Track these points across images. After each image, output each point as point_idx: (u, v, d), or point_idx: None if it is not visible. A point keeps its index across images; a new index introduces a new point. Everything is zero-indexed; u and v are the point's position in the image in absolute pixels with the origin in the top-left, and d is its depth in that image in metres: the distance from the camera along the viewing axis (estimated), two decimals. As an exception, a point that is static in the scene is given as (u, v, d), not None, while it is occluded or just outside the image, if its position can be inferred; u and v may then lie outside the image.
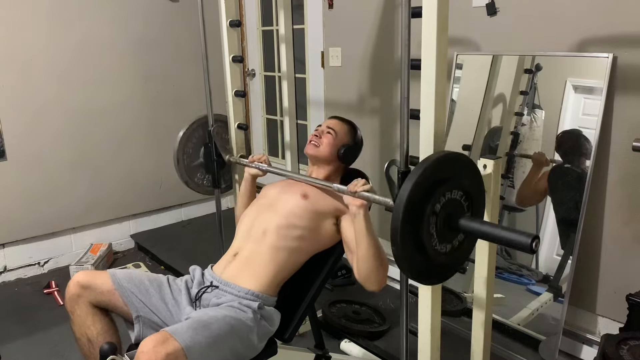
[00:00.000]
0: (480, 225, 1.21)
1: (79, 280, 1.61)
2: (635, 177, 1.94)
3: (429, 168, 1.18)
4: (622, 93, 1.93)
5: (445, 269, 1.29)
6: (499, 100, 2.35)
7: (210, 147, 2.27)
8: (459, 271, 2.51)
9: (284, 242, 1.68)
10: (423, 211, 1.17)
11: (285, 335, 1.73)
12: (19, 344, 2.52)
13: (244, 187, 2.02)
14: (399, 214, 1.15)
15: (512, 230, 1.16)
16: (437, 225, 1.20)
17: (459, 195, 1.24)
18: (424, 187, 1.17)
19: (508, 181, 2.32)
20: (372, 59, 2.82)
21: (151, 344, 1.33)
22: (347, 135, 1.87)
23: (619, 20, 1.90)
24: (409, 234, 1.17)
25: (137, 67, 3.48)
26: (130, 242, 3.67)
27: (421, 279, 1.27)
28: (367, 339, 2.38)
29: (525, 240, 1.11)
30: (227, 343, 1.48)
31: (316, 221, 1.72)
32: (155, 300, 1.65)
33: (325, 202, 1.75)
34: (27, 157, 3.12)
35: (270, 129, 3.97)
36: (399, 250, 1.16)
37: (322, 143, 1.83)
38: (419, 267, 1.22)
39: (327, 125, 1.87)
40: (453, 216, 1.23)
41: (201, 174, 2.35)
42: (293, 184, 1.86)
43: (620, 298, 1.95)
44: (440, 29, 1.23)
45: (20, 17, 2.99)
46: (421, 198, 1.17)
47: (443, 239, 1.23)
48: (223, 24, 2.21)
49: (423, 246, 1.19)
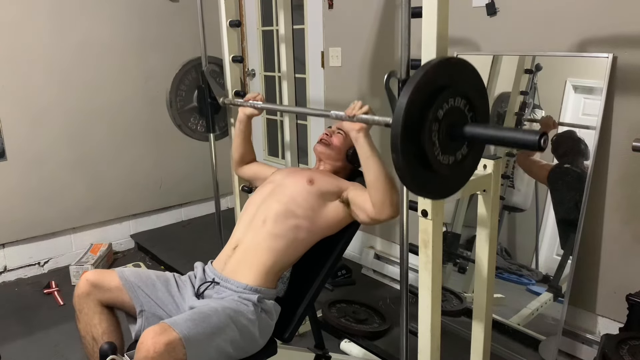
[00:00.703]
0: (484, 129, 1.16)
1: (89, 278, 1.62)
2: (635, 177, 1.94)
3: (430, 72, 1.11)
4: (622, 93, 1.93)
5: (449, 183, 1.23)
6: (499, 100, 2.35)
7: (204, 88, 2.21)
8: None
9: (282, 230, 1.69)
10: (424, 117, 1.10)
11: (285, 335, 1.72)
12: (19, 344, 2.52)
13: (239, 128, 2.04)
14: (399, 119, 1.08)
15: (518, 130, 1.10)
16: (440, 133, 1.14)
17: (462, 104, 1.17)
18: (425, 92, 1.10)
19: (508, 181, 2.32)
20: (372, 59, 2.82)
21: (150, 335, 1.35)
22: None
23: (619, 20, 1.90)
24: (410, 142, 1.10)
25: (137, 67, 3.48)
26: (130, 242, 3.67)
27: (423, 192, 1.21)
28: (367, 339, 2.38)
29: (533, 138, 1.05)
30: (226, 334, 1.49)
31: (320, 203, 1.74)
32: (162, 293, 1.66)
33: (329, 182, 1.79)
34: (27, 157, 3.12)
35: (270, 129, 3.97)
36: (399, 159, 1.10)
37: (332, 142, 1.89)
38: (421, 178, 1.16)
39: (338, 127, 1.92)
40: (456, 124, 1.16)
41: (195, 118, 2.30)
42: (300, 169, 1.89)
43: (620, 298, 1.95)
44: (440, 29, 1.23)
45: (20, 18, 2.99)
46: (422, 103, 1.10)
47: (446, 149, 1.17)
48: (223, 24, 2.21)
49: (425, 156, 1.13)
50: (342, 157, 1.89)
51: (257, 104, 1.98)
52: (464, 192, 1.46)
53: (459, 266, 2.53)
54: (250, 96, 2.01)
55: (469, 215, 2.47)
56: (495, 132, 1.15)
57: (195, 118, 2.30)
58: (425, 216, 1.33)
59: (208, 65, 2.22)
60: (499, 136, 1.14)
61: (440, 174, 1.17)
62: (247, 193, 2.31)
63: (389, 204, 1.60)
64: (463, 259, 2.51)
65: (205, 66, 2.21)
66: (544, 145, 1.04)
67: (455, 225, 2.53)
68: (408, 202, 1.41)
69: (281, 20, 2.36)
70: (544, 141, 1.04)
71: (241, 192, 2.32)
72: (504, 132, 1.13)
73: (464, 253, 2.51)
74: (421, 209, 1.33)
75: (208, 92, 2.21)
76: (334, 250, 1.79)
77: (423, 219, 1.34)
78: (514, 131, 1.12)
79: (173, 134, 3.76)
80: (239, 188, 2.31)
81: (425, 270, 1.37)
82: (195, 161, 3.78)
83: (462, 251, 2.52)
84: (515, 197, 2.32)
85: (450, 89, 1.14)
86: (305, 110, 1.74)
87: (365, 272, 3.09)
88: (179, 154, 3.77)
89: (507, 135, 1.12)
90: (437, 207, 1.33)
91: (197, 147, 3.72)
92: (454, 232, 2.53)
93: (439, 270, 1.38)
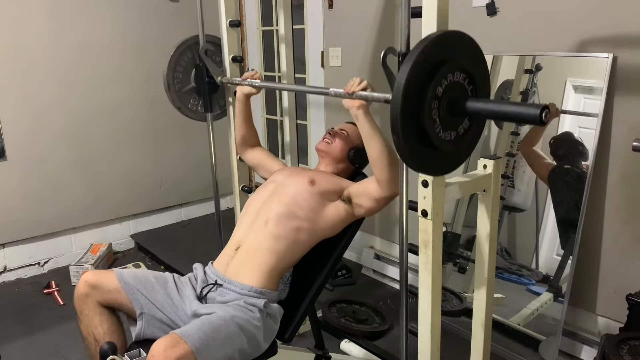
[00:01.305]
0: (485, 104, 1.14)
1: (87, 280, 1.62)
2: (635, 177, 1.94)
3: (429, 46, 1.09)
4: (622, 93, 1.93)
5: (451, 159, 1.23)
6: (502, 87, 2.34)
7: (202, 67, 2.19)
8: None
9: (284, 232, 1.69)
10: (424, 95, 1.09)
11: (285, 335, 1.72)
12: (19, 344, 2.52)
13: (238, 108, 2.05)
14: (399, 97, 1.06)
15: (519, 104, 1.09)
16: (440, 110, 1.12)
17: (461, 78, 1.16)
18: (425, 68, 1.08)
19: (508, 181, 2.32)
20: (372, 59, 2.82)
21: (161, 347, 1.34)
22: (360, 139, 1.84)
23: (619, 20, 1.90)
24: (410, 121, 1.09)
25: (137, 67, 3.48)
26: (130, 242, 3.67)
27: (425, 169, 1.21)
28: (367, 339, 2.38)
29: (534, 111, 1.04)
30: (235, 344, 1.49)
31: (321, 203, 1.74)
32: (160, 296, 1.65)
33: (331, 182, 1.80)
34: (27, 157, 3.12)
35: (270, 129, 3.97)
36: (400, 139, 1.08)
37: (334, 141, 1.89)
38: (422, 156, 1.15)
39: (341, 128, 1.93)
40: (457, 100, 1.14)
41: (194, 99, 2.29)
42: (301, 169, 1.90)
43: (620, 298, 1.95)
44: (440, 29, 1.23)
45: (20, 18, 2.99)
46: (421, 80, 1.08)
47: (447, 126, 1.15)
48: (223, 24, 2.21)
49: (426, 133, 1.11)
50: (344, 156, 1.89)
51: (255, 82, 1.98)
52: (464, 192, 1.46)
53: (459, 266, 2.53)
54: (248, 75, 2.01)
55: (469, 215, 2.47)
56: (497, 106, 1.14)
57: (195, 99, 2.29)
58: (425, 216, 1.33)
59: (205, 44, 2.20)
60: (501, 110, 1.13)
61: (442, 149, 1.16)
62: (247, 193, 2.31)
63: (395, 180, 1.60)
64: (463, 259, 2.51)
65: (202, 45, 2.19)
66: (545, 119, 1.04)
67: (455, 225, 2.53)
68: (408, 202, 1.41)
69: (281, 20, 2.36)
70: (545, 114, 1.03)
71: (241, 192, 2.32)
72: (506, 106, 1.12)
73: (464, 253, 2.51)
74: (421, 209, 1.33)
75: (205, 72, 2.20)
76: (334, 250, 1.79)
77: (423, 219, 1.34)
78: (515, 105, 1.11)
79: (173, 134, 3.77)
80: (239, 188, 2.31)
81: (425, 270, 1.37)
82: (195, 161, 3.78)
83: (462, 251, 2.52)
84: (515, 197, 2.32)
85: (451, 63, 1.12)
86: (304, 88, 1.73)
87: (365, 272, 3.09)
88: (179, 154, 3.77)
89: (509, 110, 1.11)
90: (437, 207, 1.32)
91: (197, 147, 3.73)
92: (454, 232, 2.53)
93: (439, 270, 1.38)
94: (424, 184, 1.29)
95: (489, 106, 1.14)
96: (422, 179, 1.30)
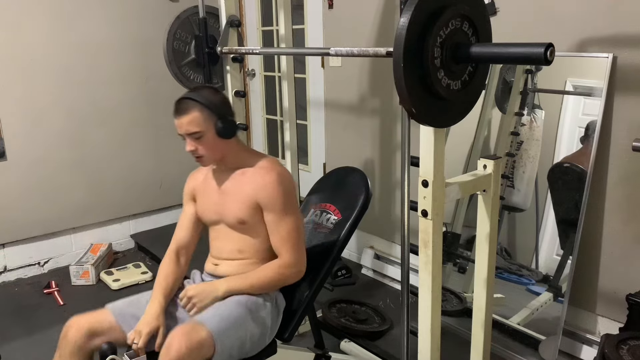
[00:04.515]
0: (488, 47, 1.14)
1: (82, 327, 1.55)
2: (635, 177, 1.94)
3: None
4: (622, 93, 1.93)
5: (461, 107, 1.22)
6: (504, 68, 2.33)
7: (202, 37, 2.16)
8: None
9: (248, 264, 1.68)
10: (426, 42, 1.07)
11: (285, 335, 1.73)
12: (19, 344, 2.52)
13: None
14: (401, 43, 1.03)
15: (523, 44, 1.08)
16: (443, 60, 1.11)
17: (463, 25, 1.15)
18: (427, 11, 1.07)
19: (508, 181, 2.32)
20: (372, 59, 2.82)
21: (180, 332, 1.36)
22: (208, 118, 1.59)
23: (619, 20, 1.90)
24: (413, 70, 1.07)
25: (137, 67, 3.47)
26: (130, 242, 3.67)
27: (431, 121, 1.19)
28: (367, 339, 2.38)
29: (539, 50, 1.03)
30: (247, 329, 1.53)
31: (257, 232, 1.66)
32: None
33: (247, 202, 1.63)
34: (27, 157, 3.12)
35: (270, 129, 3.97)
36: (405, 95, 1.06)
37: (200, 152, 1.62)
38: (429, 108, 1.14)
39: (185, 132, 1.60)
40: (459, 46, 1.13)
41: (195, 72, 2.29)
42: (223, 208, 1.70)
43: (620, 298, 1.95)
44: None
45: (20, 18, 2.99)
46: (423, 26, 1.07)
47: (451, 74, 1.14)
48: (223, 24, 2.21)
49: (430, 82, 1.10)
50: (219, 148, 1.64)
51: (255, 49, 1.95)
52: (464, 192, 1.46)
53: (459, 266, 2.53)
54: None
55: (469, 215, 2.47)
56: (500, 49, 1.13)
57: (196, 72, 2.30)
58: (425, 216, 1.33)
59: (205, 14, 2.20)
60: (505, 53, 1.12)
61: (448, 98, 1.15)
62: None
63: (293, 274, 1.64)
64: (463, 259, 2.51)
65: (202, 15, 2.18)
66: (550, 58, 1.03)
67: (455, 225, 2.53)
68: (409, 202, 1.41)
69: (281, 20, 2.36)
70: (550, 53, 1.03)
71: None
72: (509, 49, 1.11)
73: (464, 253, 2.51)
74: (421, 209, 1.33)
75: (205, 42, 2.18)
76: (333, 250, 1.79)
77: (423, 219, 1.34)
78: (519, 46, 1.10)
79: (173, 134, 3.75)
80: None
81: (425, 270, 1.37)
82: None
83: (462, 251, 2.52)
84: (515, 197, 2.32)
85: (448, 10, 1.11)
86: (303, 50, 1.65)
87: (365, 272, 3.09)
88: (179, 154, 3.76)
89: (512, 51, 1.10)
90: (437, 207, 1.32)
91: (197, 147, 3.72)
92: (454, 232, 2.53)
93: (439, 270, 1.38)
94: (424, 184, 1.30)
95: (494, 49, 1.13)
96: (422, 179, 1.30)
